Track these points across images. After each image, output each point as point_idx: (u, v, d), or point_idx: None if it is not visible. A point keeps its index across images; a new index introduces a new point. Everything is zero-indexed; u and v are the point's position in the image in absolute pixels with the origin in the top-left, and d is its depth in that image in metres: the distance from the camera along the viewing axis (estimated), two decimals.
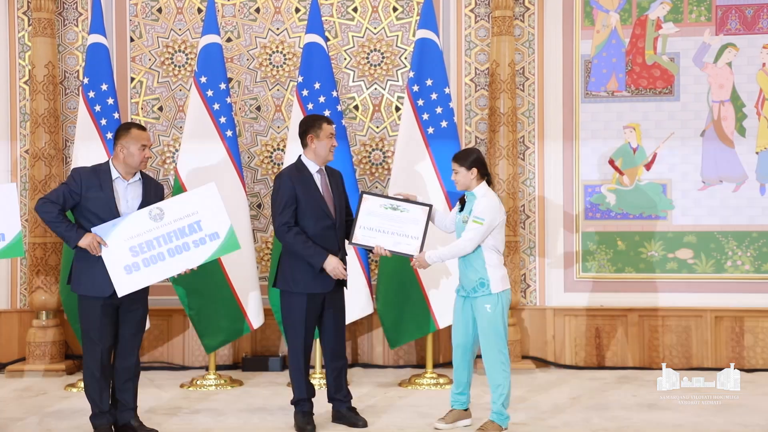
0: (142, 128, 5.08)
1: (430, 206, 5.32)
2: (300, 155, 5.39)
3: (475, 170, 5.22)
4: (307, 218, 5.18)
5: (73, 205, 4.93)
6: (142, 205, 5.00)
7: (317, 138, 5.27)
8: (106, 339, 4.97)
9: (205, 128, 6.57)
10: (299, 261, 5.19)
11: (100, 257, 4.86)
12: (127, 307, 5.01)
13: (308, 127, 5.32)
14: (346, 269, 5.25)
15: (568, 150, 7.30)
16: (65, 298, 6.64)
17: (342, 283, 5.34)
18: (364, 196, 5.35)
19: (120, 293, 4.90)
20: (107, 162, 5.07)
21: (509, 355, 5.27)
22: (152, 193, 5.10)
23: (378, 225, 5.27)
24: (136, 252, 4.92)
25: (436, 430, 5.29)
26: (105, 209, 4.91)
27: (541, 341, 7.30)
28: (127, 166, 4.99)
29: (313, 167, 5.31)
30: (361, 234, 5.28)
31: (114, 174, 4.98)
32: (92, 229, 4.88)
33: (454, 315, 5.36)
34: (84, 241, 4.83)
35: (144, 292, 5.07)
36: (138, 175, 5.06)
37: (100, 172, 4.97)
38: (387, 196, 5.44)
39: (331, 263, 5.12)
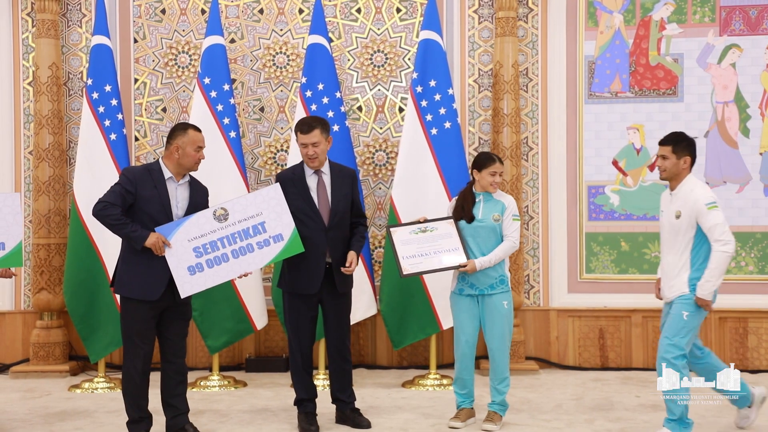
0: (198, 130, 5.03)
1: (452, 217, 5.41)
2: None
3: None
4: (297, 221, 5.16)
5: (129, 205, 4.86)
6: (189, 208, 4.96)
7: (298, 146, 5.31)
8: (150, 343, 4.94)
9: (208, 129, 6.55)
10: (294, 261, 5.19)
11: (148, 259, 4.83)
12: (175, 308, 4.98)
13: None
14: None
15: (572, 151, 7.30)
16: (69, 299, 6.65)
17: (333, 286, 5.30)
18: (391, 229, 5.44)
19: (183, 294, 4.88)
20: (158, 161, 5.01)
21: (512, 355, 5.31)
22: (199, 196, 5.06)
23: (417, 251, 5.34)
24: (200, 253, 4.90)
25: (452, 429, 5.31)
26: (159, 209, 4.87)
27: (544, 342, 7.30)
28: (180, 166, 4.95)
29: (308, 170, 5.32)
30: (409, 264, 5.32)
31: (166, 174, 4.94)
32: (156, 229, 4.84)
33: (459, 315, 5.38)
34: (149, 241, 4.78)
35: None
36: (187, 177, 5.02)
37: (153, 172, 4.92)
38: (409, 223, 5.51)
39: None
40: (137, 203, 4.86)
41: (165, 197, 4.89)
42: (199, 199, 5.04)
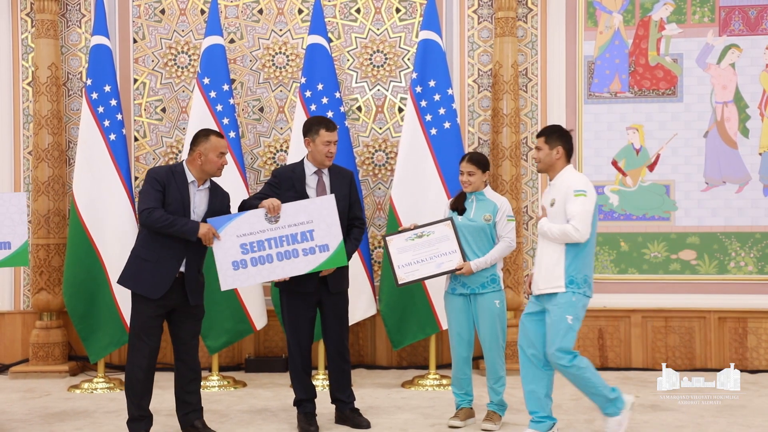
0: (220, 136, 5.07)
1: (450, 218, 5.37)
2: (306, 154, 5.41)
3: (487, 173, 5.40)
4: None
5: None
6: (207, 214, 5.00)
7: (313, 143, 5.29)
8: (154, 340, 4.99)
9: None
10: None
11: (158, 258, 4.88)
12: (185, 308, 5.04)
13: (307, 130, 5.34)
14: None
15: None
16: (68, 300, 6.64)
17: (326, 285, 5.29)
18: (387, 239, 5.44)
19: (223, 287, 5.01)
20: (181, 164, 5.07)
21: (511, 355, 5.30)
22: (218, 202, 5.09)
23: (413, 258, 5.35)
24: (246, 250, 4.99)
25: (452, 428, 5.32)
26: (179, 211, 4.92)
27: None
28: (203, 172, 5.00)
29: (309, 169, 5.32)
30: (404, 273, 5.35)
31: (189, 177, 5.00)
32: (208, 220, 4.94)
33: (452, 314, 5.39)
34: (201, 231, 4.87)
35: (202, 293, 5.09)
36: (208, 183, 5.06)
37: (176, 174, 4.99)
38: (406, 230, 5.49)
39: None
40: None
41: (186, 200, 4.95)
42: (218, 204, 5.08)
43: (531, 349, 4.99)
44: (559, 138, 4.96)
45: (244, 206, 5.20)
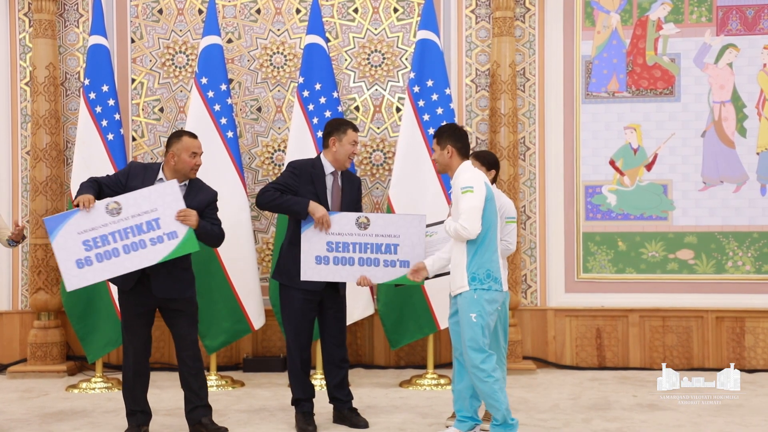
0: (194, 136, 5.04)
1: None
2: (320, 153, 5.41)
3: (492, 172, 5.40)
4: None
5: (113, 191, 4.96)
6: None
7: (339, 142, 5.29)
8: (138, 338, 5.04)
9: (205, 129, 6.56)
10: (298, 256, 5.20)
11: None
12: (170, 304, 5.04)
13: (333, 129, 5.35)
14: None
15: (569, 151, 7.30)
16: (66, 299, 6.64)
17: (333, 285, 5.33)
18: None
19: (303, 277, 5.14)
20: (159, 163, 5.11)
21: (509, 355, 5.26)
22: (195, 200, 4.98)
23: None
24: (331, 248, 5.19)
25: (447, 428, 5.32)
26: None
27: (541, 342, 7.30)
28: (177, 173, 4.99)
29: (328, 168, 5.33)
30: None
31: (160, 176, 5.01)
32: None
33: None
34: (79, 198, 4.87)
35: (191, 291, 5.09)
36: (186, 181, 5.02)
37: (149, 170, 5.03)
38: None
39: (318, 209, 5.12)
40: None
41: None
42: (194, 202, 4.98)
43: (456, 351, 5.05)
44: (448, 137, 5.00)
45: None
